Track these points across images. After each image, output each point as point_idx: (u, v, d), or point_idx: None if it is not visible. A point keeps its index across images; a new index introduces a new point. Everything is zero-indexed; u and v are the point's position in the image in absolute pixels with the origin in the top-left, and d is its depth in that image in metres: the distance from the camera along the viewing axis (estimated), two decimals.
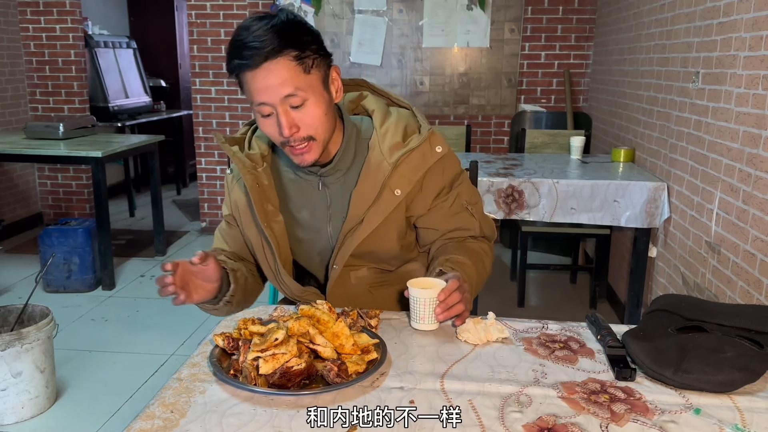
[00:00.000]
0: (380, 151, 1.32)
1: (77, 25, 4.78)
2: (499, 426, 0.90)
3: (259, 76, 1.18)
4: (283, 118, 1.20)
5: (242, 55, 1.18)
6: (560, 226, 3.26)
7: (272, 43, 1.16)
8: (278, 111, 1.20)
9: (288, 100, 1.20)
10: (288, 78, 1.18)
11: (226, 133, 4.74)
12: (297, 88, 1.19)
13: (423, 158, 1.33)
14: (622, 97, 3.50)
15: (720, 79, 2.25)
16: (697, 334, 1.09)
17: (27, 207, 4.93)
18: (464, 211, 1.42)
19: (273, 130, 1.24)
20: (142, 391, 2.55)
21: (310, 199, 1.39)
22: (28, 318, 2.40)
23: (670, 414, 0.94)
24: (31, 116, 4.85)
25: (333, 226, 1.39)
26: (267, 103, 1.20)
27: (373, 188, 1.31)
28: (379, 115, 1.37)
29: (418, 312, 1.20)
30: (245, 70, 1.19)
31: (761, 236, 1.94)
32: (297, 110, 1.21)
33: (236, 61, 1.20)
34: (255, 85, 1.20)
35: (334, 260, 1.37)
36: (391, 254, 1.41)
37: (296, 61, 1.18)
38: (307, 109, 1.21)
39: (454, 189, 1.41)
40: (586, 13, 4.29)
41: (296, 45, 1.18)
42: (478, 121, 4.50)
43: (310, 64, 1.20)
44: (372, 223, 1.32)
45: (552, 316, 1.46)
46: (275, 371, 0.97)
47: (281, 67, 1.17)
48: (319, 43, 1.23)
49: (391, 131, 1.34)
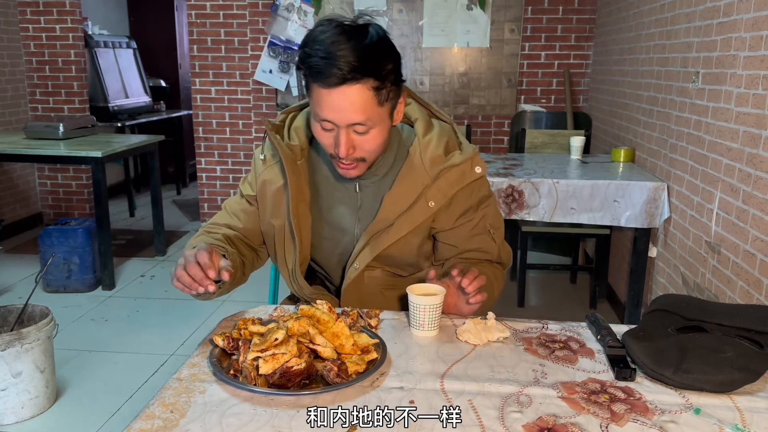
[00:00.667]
0: (421, 161, 1.32)
1: (77, 25, 4.78)
2: (499, 426, 0.90)
3: (334, 97, 1.15)
4: (343, 139, 1.19)
5: (321, 69, 1.14)
6: (560, 226, 3.26)
7: (355, 68, 1.12)
8: (341, 132, 1.19)
9: (355, 127, 1.19)
10: (361, 107, 1.16)
11: (264, 122, 4.74)
12: (367, 118, 1.18)
13: (462, 175, 1.33)
14: (622, 97, 3.50)
15: (720, 79, 2.25)
16: (697, 334, 1.09)
17: (27, 207, 4.93)
18: (486, 233, 1.42)
19: (328, 141, 1.23)
20: (142, 391, 2.55)
21: (342, 199, 1.39)
22: (28, 318, 2.40)
23: (670, 414, 0.94)
24: (31, 116, 4.85)
25: (360, 228, 1.38)
26: (332, 122, 1.19)
27: (409, 196, 1.32)
28: (422, 124, 1.36)
29: (417, 318, 1.20)
30: (319, 84, 1.16)
31: (761, 236, 1.94)
32: (359, 135, 1.20)
33: (312, 72, 1.16)
34: (325, 103, 1.17)
35: (354, 259, 1.37)
36: (408, 261, 1.41)
37: (374, 91, 1.16)
38: (369, 136, 1.21)
39: (480, 210, 1.40)
40: (586, 13, 4.29)
41: (378, 74, 1.15)
42: (478, 121, 4.50)
43: (385, 96, 1.18)
44: (401, 230, 1.33)
45: (552, 316, 1.46)
46: (275, 371, 0.97)
47: (357, 94, 1.15)
48: (398, 70, 1.21)
49: (434, 143, 1.33)
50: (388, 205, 1.33)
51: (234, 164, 4.78)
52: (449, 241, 1.41)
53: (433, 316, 1.19)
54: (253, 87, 4.64)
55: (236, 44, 4.59)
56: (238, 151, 4.77)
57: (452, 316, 1.29)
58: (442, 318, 1.24)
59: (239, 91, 4.68)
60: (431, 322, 1.19)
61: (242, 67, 4.63)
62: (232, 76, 4.66)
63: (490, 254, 1.44)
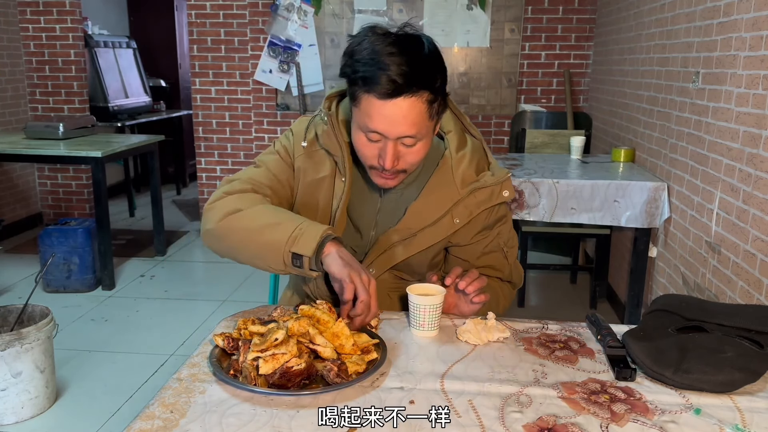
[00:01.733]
0: (452, 177, 1.30)
1: (77, 25, 4.78)
2: (499, 426, 0.90)
3: (387, 108, 1.12)
4: (389, 152, 1.17)
5: (375, 77, 1.11)
6: (560, 226, 3.26)
7: (413, 78, 1.10)
8: (388, 145, 1.17)
9: (403, 139, 1.17)
10: (414, 120, 1.14)
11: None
12: (418, 131, 1.16)
13: (490, 197, 1.31)
14: (622, 97, 3.50)
15: (720, 79, 2.25)
16: (697, 334, 1.09)
17: (27, 207, 4.93)
18: (500, 251, 1.41)
19: (371, 153, 1.20)
20: (142, 391, 2.55)
21: (363, 200, 1.37)
22: (28, 318, 2.40)
23: (671, 414, 0.94)
24: (31, 116, 4.85)
25: (376, 231, 1.37)
26: (381, 134, 1.16)
27: (437, 210, 1.30)
28: (456, 139, 1.33)
29: (417, 318, 1.20)
30: (370, 94, 1.13)
31: (761, 236, 1.93)
32: (406, 147, 1.18)
33: (366, 82, 1.12)
34: (376, 113, 1.14)
35: (370, 264, 1.36)
36: (420, 270, 1.40)
37: (427, 105, 1.14)
38: (415, 149, 1.19)
39: (496, 228, 1.38)
40: (586, 13, 4.29)
41: (432, 87, 1.13)
42: (478, 121, 4.50)
43: (437, 109, 1.17)
44: (424, 243, 1.32)
45: (552, 316, 1.46)
46: (275, 371, 0.97)
47: (412, 107, 1.12)
48: (445, 82, 1.18)
49: (466, 160, 1.31)
50: (412, 215, 1.31)
51: (234, 164, 4.79)
52: (462, 255, 1.40)
53: (433, 316, 1.19)
54: (253, 87, 4.64)
55: (236, 44, 4.59)
56: (238, 151, 4.77)
57: (452, 316, 1.29)
58: (442, 318, 1.24)
59: (239, 91, 4.68)
60: (431, 322, 1.19)
61: (242, 67, 4.63)
62: (232, 76, 4.66)
63: (501, 273, 1.43)
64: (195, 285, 3.84)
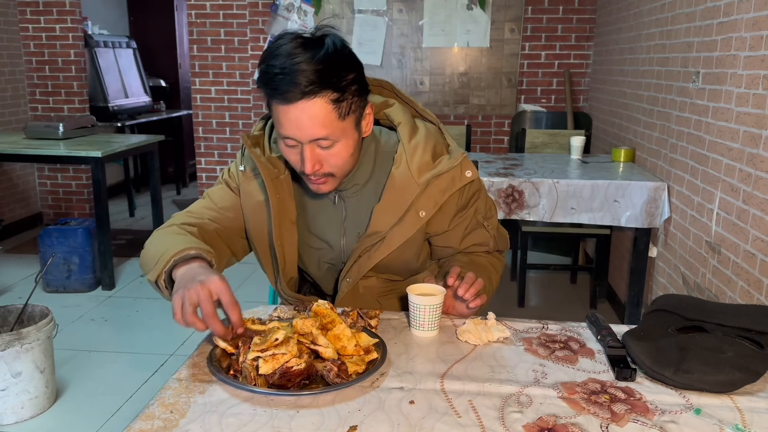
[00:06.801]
0: (408, 169, 1.27)
1: (77, 25, 4.78)
2: (499, 426, 0.90)
3: (292, 113, 1.11)
4: (307, 155, 1.16)
5: (277, 85, 1.10)
6: (560, 226, 3.26)
7: (312, 81, 1.08)
8: (305, 149, 1.15)
9: (317, 142, 1.15)
10: (321, 121, 1.12)
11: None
12: (329, 133, 1.14)
13: (452, 181, 1.29)
14: (622, 96, 3.50)
15: (720, 79, 2.25)
16: (697, 334, 1.09)
17: (27, 207, 4.93)
18: (480, 227, 1.40)
19: (295, 158, 1.19)
20: (142, 391, 2.55)
21: (325, 211, 1.35)
22: (27, 318, 2.40)
23: (671, 414, 0.94)
24: (31, 116, 4.85)
25: (347, 240, 1.35)
26: (294, 139, 1.15)
27: (399, 208, 1.27)
28: (407, 129, 1.30)
29: (417, 318, 1.20)
30: (277, 101, 1.12)
31: (761, 236, 1.93)
32: (324, 149, 1.17)
33: (269, 89, 1.12)
34: (285, 119, 1.13)
35: (346, 273, 1.35)
36: (405, 267, 1.39)
37: (333, 104, 1.11)
38: (334, 150, 1.17)
39: (471, 206, 1.37)
40: (586, 12, 4.29)
41: (337, 87, 1.11)
42: (478, 120, 4.50)
43: (347, 109, 1.14)
44: (394, 243, 1.30)
45: (552, 316, 1.46)
46: (275, 371, 0.97)
47: (317, 108, 1.11)
48: (360, 80, 1.16)
49: (420, 149, 1.28)
50: (378, 217, 1.28)
51: None
52: (446, 243, 1.40)
53: (433, 316, 1.19)
54: (253, 87, 4.63)
55: (236, 44, 4.59)
56: (237, 151, 4.75)
57: (452, 316, 1.29)
58: (442, 318, 1.24)
59: (239, 91, 4.68)
60: (431, 322, 1.19)
61: (242, 67, 4.63)
62: (232, 76, 4.66)
63: (486, 245, 1.43)
64: None
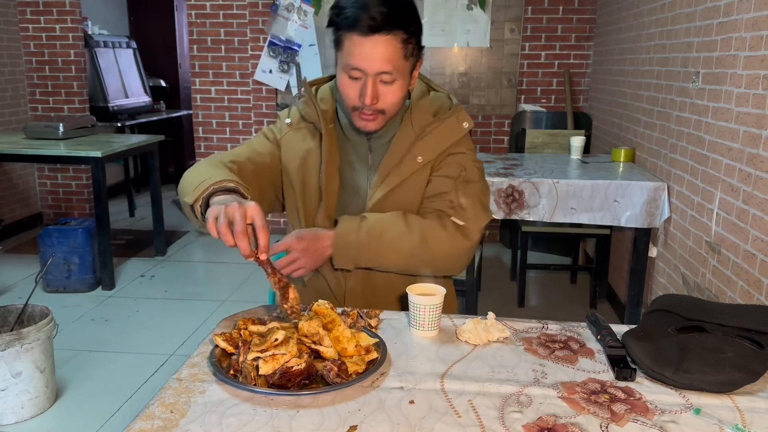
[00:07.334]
0: (410, 124, 1.40)
1: (77, 25, 4.78)
2: (499, 426, 0.90)
3: (366, 45, 1.23)
4: (369, 88, 1.27)
5: (356, 17, 1.22)
6: (560, 226, 3.26)
7: (390, 18, 1.22)
8: (368, 81, 1.27)
9: (382, 76, 1.27)
10: (391, 56, 1.25)
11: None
12: (395, 68, 1.26)
13: (449, 130, 1.40)
14: (622, 97, 3.50)
15: (720, 79, 2.25)
16: (697, 334, 1.09)
17: (27, 207, 4.93)
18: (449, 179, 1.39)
19: (354, 92, 1.29)
20: (142, 391, 2.55)
21: (358, 160, 1.44)
22: (28, 318, 2.40)
23: (671, 414, 0.94)
24: (31, 116, 4.85)
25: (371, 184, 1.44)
26: (362, 70, 1.26)
27: (398, 155, 1.39)
28: (418, 92, 1.45)
29: (417, 318, 1.20)
30: (353, 32, 1.24)
31: (761, 236, 1.93)
32: (384, 85, 1.28)
33: (348, 21, 1.23)
34: (357, 51, 1.24)
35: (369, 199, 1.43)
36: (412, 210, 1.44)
37: (402, 44, 1.25)
38: (393, 87, 1.29)
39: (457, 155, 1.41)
40: (586, 13, 4.29)
41: (408, 28, 1.26)
42: (478, 121, 4.50)
43: (411, 50, 1.28)
44: (389, 183, 1.38)
45: (552, 316, 1.46)
46: (275, 371, 0.97)
47: (388, 44, 1.24)
48: (420, 34, 1.31)
49: (425, 107, 1.41)
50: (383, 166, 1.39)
51: None
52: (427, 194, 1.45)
53: (433, 316, 1.19)
54: (253, 87, 4.64)
55: (236, 44, 4.59)
56: None
57: (452, 316, 1.29)
58: (442, 318, 1.24)
59: (239, 91, 4.68)
60: (431, 322, 1.19)
61: (242, 67, 4.63)
62: (232, 76, 4.66)
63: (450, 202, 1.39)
64: (195, 285, 3.84)
